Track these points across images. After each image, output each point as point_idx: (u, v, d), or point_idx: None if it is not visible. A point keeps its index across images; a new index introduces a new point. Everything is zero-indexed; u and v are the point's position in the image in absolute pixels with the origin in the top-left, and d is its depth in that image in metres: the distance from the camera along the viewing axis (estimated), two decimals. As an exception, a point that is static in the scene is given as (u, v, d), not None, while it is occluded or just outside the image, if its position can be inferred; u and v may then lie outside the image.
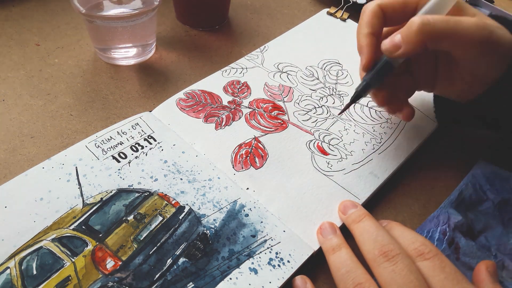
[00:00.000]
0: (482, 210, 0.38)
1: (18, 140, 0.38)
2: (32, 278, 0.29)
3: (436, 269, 0.28)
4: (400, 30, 0.34)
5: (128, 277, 0.30)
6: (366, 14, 0.38)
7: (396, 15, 0.37)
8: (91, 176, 0.35)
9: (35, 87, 0.43)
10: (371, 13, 0.37)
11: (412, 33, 0.33)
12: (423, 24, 0.32)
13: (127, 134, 0.39)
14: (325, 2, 0.61)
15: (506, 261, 0.34)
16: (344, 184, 0.38)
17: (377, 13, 0.37)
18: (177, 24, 0.54)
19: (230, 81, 0.46)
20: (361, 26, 0.38)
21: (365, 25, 0.37)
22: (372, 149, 0.41)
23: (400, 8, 0.37)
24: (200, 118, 0.42)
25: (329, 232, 0.33)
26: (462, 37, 0.32)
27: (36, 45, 0.48)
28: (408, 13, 0.37)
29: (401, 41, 0.34)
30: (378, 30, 0.37)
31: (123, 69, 0.47)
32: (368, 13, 0.37)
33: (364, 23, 0.37)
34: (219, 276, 0.31)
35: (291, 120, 0.43)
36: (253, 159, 0.39)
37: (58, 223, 0.32)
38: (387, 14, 0.37)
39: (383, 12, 0.37)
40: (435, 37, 0.33)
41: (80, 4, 0.42)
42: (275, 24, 0.57)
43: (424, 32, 0.32)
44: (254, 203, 0.35)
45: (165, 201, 0.35)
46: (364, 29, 0.37)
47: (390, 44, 0.35)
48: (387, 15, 0.37)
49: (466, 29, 0.32)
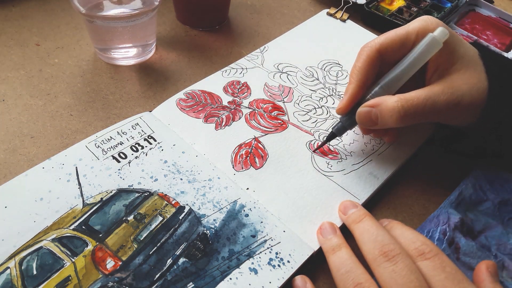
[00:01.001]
0: (482, 210, 0.38)
1: (18, 140, 0.38)
2: (32, 278, 0.29)
3: (437, 268, 0.28)
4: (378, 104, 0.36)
5: (128, 277, 0.30)
6: (362, 58, 0.38)
7: (394, 54, 0.38)
8: (91, 176, 0.35)
9: (35, 87, 0.43)
10: (368, 59, 0.37)
11: (392, 118, 0.35)
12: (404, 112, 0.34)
13: (127, 134, 0.39)
14: (325, 3, 0.61)
15: (506, 261, 0.34)
16: (344, 184, 0.38)
17: (375, 59, 0.37)
18: (177, 24, 0.54)
19: (230, 81, 0.46)
20: (354, 69, 0.38)
21: (358, 71, 0.38)
22: (371, 150, 0.41)
23: (398, 48, 0.37)
24: (200, 118, 0.42)
25: (329, 232, 0.33)
26: (436, 114, 0.35)
27: (36, 45, 0.48)
28: (406, 50, 0.37)
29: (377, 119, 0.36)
30: (369, 78, 0.38)
31: (123, 69, 0.47)
32: (364, 58, 0.38)
33: (358, 67, 0.38)
34: (219, 276, 0.31)
35: (291, 120, 0.43)
36: (253, 159, 0.39)
37: (58, 223, 0.32)
38: (386, 55, 0.38)
39: (381, 55, 0.38)
40: (412, 120, 0.35)
41: (80, 4, 0.42)
42: (275, 24, 0.57)
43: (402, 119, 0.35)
44: (254, 203, 0.35)
45: (165, 201, 0.35)
46: (355, 74, 0.38)
47: (366, 119, 0.36)
48: (385, 55, 0.38)
49: (439, 108, 0.35)
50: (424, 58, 0.36)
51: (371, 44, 0.38)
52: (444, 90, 0.35)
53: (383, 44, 0.37)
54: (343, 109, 0.38)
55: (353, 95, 0.37)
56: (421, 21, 0.37)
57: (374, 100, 0.36)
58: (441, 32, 0.35)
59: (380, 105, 0.35)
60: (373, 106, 0.36)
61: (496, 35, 0.58)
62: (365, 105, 0.36)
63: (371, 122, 0.36)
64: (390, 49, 0.37)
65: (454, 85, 0.35)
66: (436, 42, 0.35)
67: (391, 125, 0.36)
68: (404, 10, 0.60)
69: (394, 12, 0.58)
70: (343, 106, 0.38)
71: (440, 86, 0.35)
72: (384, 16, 0.57)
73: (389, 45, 0.37)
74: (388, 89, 0.37)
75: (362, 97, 0.38)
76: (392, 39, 0.37)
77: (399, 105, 0.34)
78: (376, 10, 0.59)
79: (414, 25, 0.37)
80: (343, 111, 0.38)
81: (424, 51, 0.35)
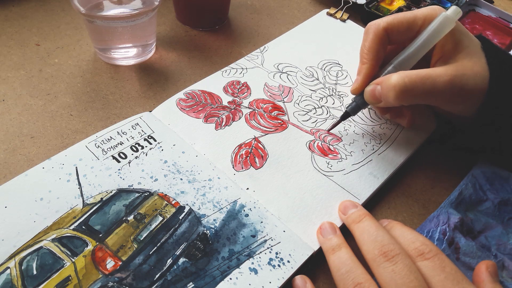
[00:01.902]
0: (482, 210, 0.38)
1: (18, 140, 0.38)
2: (32, 278, 0.29)
3: (436, 269, 0.28)
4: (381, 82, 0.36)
5: (128, 277, 0.30)
6: (370, 37, 0.38)
7: (401, 36, 0.38)
8: (91, 176, 0.35)
9: (35, 87, 0.43)
10: (376, 37, 0.38)
11: (390, 94, 0.35)
12: (400, 88, 0.34)
13: (127, 134, 0.39)
14: (325, 3, 0.61)
15: (506, 261, 0.34)
16: (344, 184, 0.38)
17: (382, 38, 0.38)
18: (177, 24, 0.54)
19: (230, 82, 0.46)
20: (363, 49, 0.38)
21: (368, 51, 0.38)
22: (371, 149, 0.41)
23: (405, 30, 0.38)
24: (200, 118, 0.42)
25: (329, 232, 0.33)
26: (436, 95, 0.35)
27: (36, 45, 0.48)
28: (413, 33, 0.38)
29: (381, 96, 0.36)
30: (380, 56, 0.38)
31: (123, 69, 0.47)
32: (372, 37, 0.38)
33: (367, 46, 0.38)
34: (219, 276, 0.31)
35: (291, 120, 0.43)
36: (253, 159, 0.39)
37: (58, 223, 0.32)
38: (392, 35, 0.38)
39: (387, 34, 0.38)
40: (411, 98, 0.35)
41: (80, 4, 0.42)
42: (275, 24, 0.57)
43: (401, 95, 0.35)
44: (254, 203, 0.35)
45: (165, 201, 0.35)
46: (366, 54, 0.38)
47: (371, 97, 0.37)
48: (391, 36, 0.38)
49: (440, 88, 0.34)
50: (437, 36, 0.36)
51: (377, 22, 0.38)
52: (446, 71, 0.35)
53: (390, 24, 0.37)
54: (358, 89, 0.39)
55: (366, 75, 0.38)
56: (430, 9, 0.38)
57: (380, 78, 0.37)
58: (454, 11, 0.35)
59: (383, 81, 0.36)
60: (378, 83, 0.36)
61: (496, 35, 0.58)
62: (372, 83, 0.37)
63: (376, 99, 0.37)
64: (396, 29, 0.38)
65: (458, 69, 0.35)
66: (449, 20, 0.35)
67: (391, 101, 0.36)
68: (404, 10, 0.60)
69: (394, 12, 0.58)
70: (358, 86, 0.39)
71: (443, 68, 0.35)
72: (384, 16, 0.57)
73: (396, 26, 0.37)
74: (401, 68, 0.37)
75: (375, 77, 0.38)
76: (399, 20, 0.38)
77: (399, 80, 0.34)
78: (376, 10, 0.59)
79: (422, 11, 0.38)
80: (357, 91, 0.39)
81: (437, 29, 0.36)
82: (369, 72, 0.38)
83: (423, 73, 0.35)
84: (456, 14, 0.35)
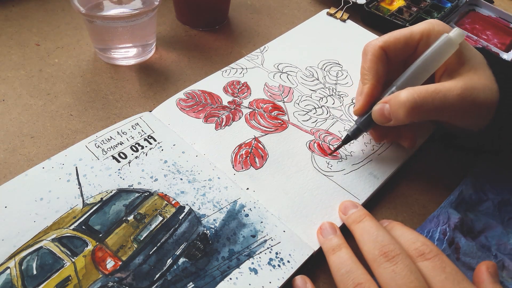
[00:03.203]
0: (482, 210, 0.38)
1: (18, 140, 0.38)
2: (32, 278, 0.29)
3: (437, 269, 0.28)
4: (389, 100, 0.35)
5: (128, 277, 0.30)
6: (369, 57, 0.38)
7: (399, 53, 0.38)
8: (91, 176, 0.35)
9: (35, 87, 0.43)
10: (375, 58, 0.37)
11: (400, 111, 0.34)
12: (410, 104, 0.34)
13: (127, 134, 0.39)
14: (325, 3, 0.61)
15: (506, 261, 0.34)
16: (344, 184, 0.38)
17: (381, 57, 0.37)
18: (177, 24, 0.54)
19: (230, 81, 0.46)
20: (363, 70, 0.38)
21: (368, 71, 0.38)
22: (371, 150, 0.41)
23: (402, 47, 0.38)
24: (200, 118, 0.42)
25: (329, 232, 0.33)
26: (447, 109, 0.34)
27: (36, 45, 0.48)
28: (411, 50, 0.37)
29: (390, 115, 0.35)
30: (381, 75, 0.38)
31: (123, 69, 0.47)
32: (370, 57, 0.38)
33: (367, 67, 0.38)
34: (219, 276, 0.31)
35: (291, 120, 0.43)
36: (253, 159, 0.39)
37: (58, 223, 0.32)
38: (390, 53, 0.38)
39: (385, 53, 0.37)
40: (422, 114, 0.34)
41: (80, 4, 0.42)
42: (275, 24, 0.57)
43: (412, 111, 0.34)
44: (254, 203, 0.35)
45: (165, 201, 0.35)
46: (367, 74, 0.38)
47: (380, 116, 0.36)
48: (389, 54, 0.38)
49: (451, 102, 0.34)
50: (439, 58, 0.36)
51: (374, 42, 0.38)
52: (456, 85, 0.34)
53: (387, 42, 0.37)
54: (361, 110, 0.38)
55: (369, 94, 0.38)
56: (427, 23, 0.37)
57: (387, 97, 0.36)
58: (458, 33, 0.35)
59: (391, 99, 0.35)
60: (386, 102, 0.36)
61: (496, 35, 0.58)
62: (379, 102, 0.37)
63: (385, 118, 0.36)
64: (393, 47, 0.37)
65: (466, 82, 0.34)
66: (452, 42, 0.35)
67: (402, 118, 0.35)
68: (404, 10, 0.60)
69: (394, 12, 0.58)
70: (361, 106, 0.38)
71: (452, 82, 0.35)
72: (384, 16, 0.57)
73: (392, 43, 0.37)
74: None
75: (378, 98, 0.38)
76: (396, 37, 0.37)
77: (409, 96, 0.34)
78: (376, 10, 0.59)
79: (419, 26, 0.37)
80: (360, 112, 0.39)
81: (438, 50, 0.35)
82: (371, 92, 0.37)
83: (432, 88, 0.34)
84: (460, 37, 0.35)
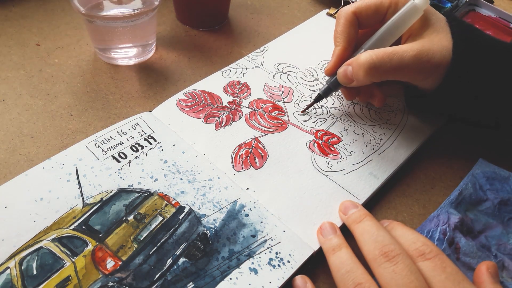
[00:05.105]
0: (482, 210, 0.38)
1: (18, 140, 0.38)
2: (32, 278, 0.29)
3: (437, 269, 0.28)
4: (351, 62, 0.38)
5: (128, 277, 0.30)
6: (341, 21, 0.41)
7: (369, 19, 0.41)
8: (91, 176, 0.35)
9: (35, 87, 0.43)
10: (347, 22, 0.40)
11: (360, 72, 0.37)
12: (369, 65, 0.37)
13: (127, 134, 0.39)
14: (325, 3, 0.61)
15: (506, 261, 0.34)
16: (344, 184, 0.38)
17: (352, 21, 0.40)
18: (177, 24, 0.54)
19: (230, 82, 0.46)
20: (336, 33, 0.41)
21: (340, 34, 0.41)
22: (371, 149, 0.41)
23: (372, 13, 0.40)
24: (200, 118, 0.42)
25: (329, 232, 0.33)
26: (403, 69, 0.37)
27: (36, 45, 0.48)
28: (380, 16, 0.40)
29: (352, 76, 0.38)
30: (352, 38, 0.41)
31: (123, 69, 0.47)
32: (343, 22, 0.41)
33: (339, 31, 0.41)
34: (219, 276, 0.31)
35: (291, 120, 0.43)
36: (253, 159, 0.39)
37: (58, 223, 0.32)
38: (361, 19, 0.41)
39: (357, 18, 0.40)
40: (380, 74, 0.37)
41: (80, 4, 0.42)
42: (275, 24, 0.57)
43: (370, 71, 0.37)
44: (254, 203, 0.35)
45: (165, 201, 0.35)
46: (338, 37, 0.41)
47: (344, 77, 0.40)
48: (361, 19, 0.41)
49: (407, 63, 0.36)
50: (404, 23, 0.38)
51: (347, 7, 0.41)
52: (413, 46, 0.37)
53: (359, 8, 0.40)
54: (331, 70, 0.42)
55: (339, 56, 0.41)
56: None
57: (351, 59, 0.39)
58: (422, 0, 0.37)
59: (353, 61, 0.38)
60: (349, 64, 0.39)
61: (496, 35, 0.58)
62: (343, 64, 0.40)
63: (348, 79, 0.39)
64: (364, 13, 0.40)
65: (424, 44, 0.37)
66: (417, 9, 0.37)
67: (362, 79, 0.38)
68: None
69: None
70: (331, 67, 0.41)
71: (409, 44, 0.37)
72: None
73: (364, 9, 0.40)
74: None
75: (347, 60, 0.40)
76: (367, 4, 0.40)
77: (367, 58, 0.37)
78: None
79: None
80: (330, 72, 0.42)
81: (404, 16, 0.38)
82: (342, 54, 0.40)
83: (390, 50, 0.37)
84: (424, 4, 0.37)
